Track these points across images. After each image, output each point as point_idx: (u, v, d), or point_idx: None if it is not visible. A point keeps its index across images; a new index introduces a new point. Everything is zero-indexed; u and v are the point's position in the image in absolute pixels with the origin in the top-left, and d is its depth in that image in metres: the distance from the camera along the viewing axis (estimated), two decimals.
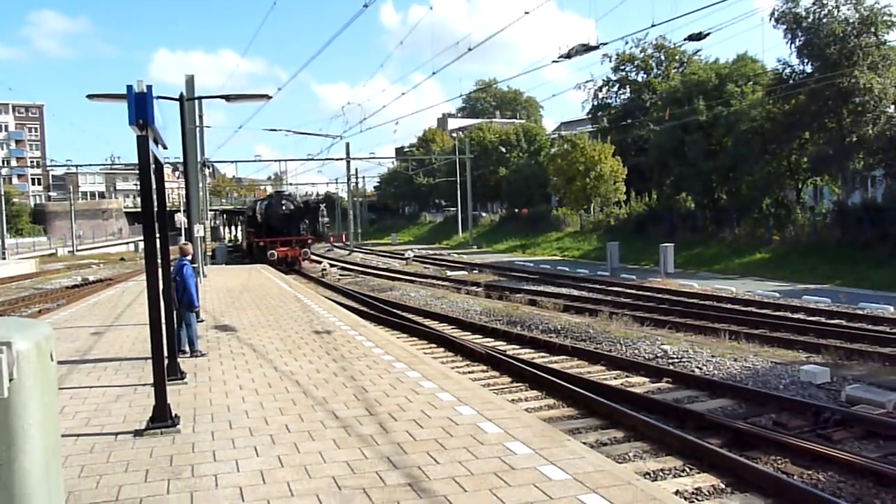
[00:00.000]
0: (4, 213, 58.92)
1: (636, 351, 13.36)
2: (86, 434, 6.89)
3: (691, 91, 39.96)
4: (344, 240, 76.16)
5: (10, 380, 1.33)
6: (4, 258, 51.85)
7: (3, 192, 58.52)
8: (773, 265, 29.76)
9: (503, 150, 69.15)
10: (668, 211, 42.07)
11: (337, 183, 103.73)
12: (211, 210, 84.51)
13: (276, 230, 40.91)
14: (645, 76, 51.27)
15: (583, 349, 13.42)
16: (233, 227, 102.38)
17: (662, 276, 26.83)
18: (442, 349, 14.44)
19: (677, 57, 50.23)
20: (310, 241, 41.99)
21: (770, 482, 6.61)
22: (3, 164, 75.78)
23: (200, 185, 31.01)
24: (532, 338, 14.92)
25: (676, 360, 12.38)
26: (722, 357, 12.26)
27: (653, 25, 26.07)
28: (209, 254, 38.16)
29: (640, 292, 22.82)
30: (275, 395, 8.21)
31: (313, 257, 45.21)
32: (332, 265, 39.84)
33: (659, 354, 12.90)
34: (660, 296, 21.72)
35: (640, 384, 11.05)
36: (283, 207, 42.17)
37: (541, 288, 25.58)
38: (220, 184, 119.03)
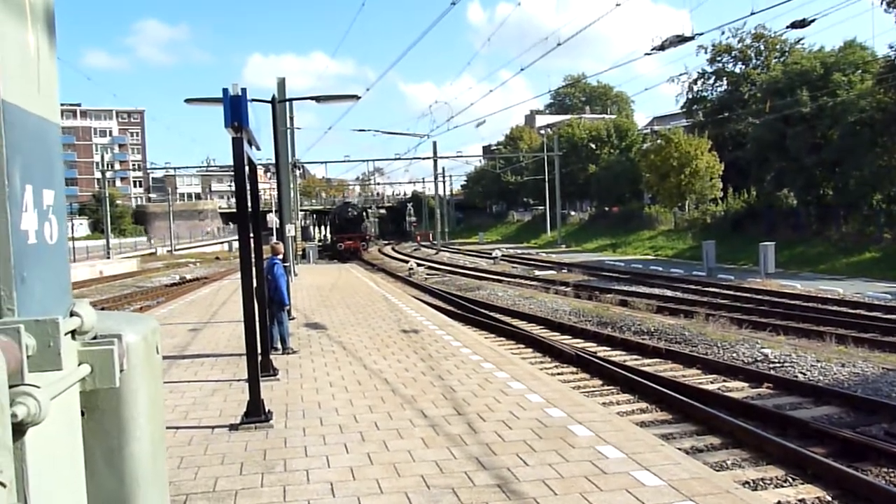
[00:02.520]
0: (109, 214, 62.16)
1: (734, 354, 13.03)
2: (185, 427, 7.17)
3: (794, 81, 38.47)
4: (431, 238, 77.58)
5: (121, 371, 1.41)
6: (109, 257, 54.55)
7: (107, 195, 61.40)
8: (883, 265, 28.49)
9: (593, 146, 68.20)
10: (768, 208, 40.69)
11: (424, 182, 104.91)
12: (301, 210, 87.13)
13: (343, 229, 59.92)
14: (743, 67, 49.69)
15: (677, 352, 13.20)
16: (322, 227, 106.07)
17: (762, 276, 26.12)
18: (530, 350, 14.40)
19: (778, 46, 48.33)
20: (367, 237, 61.82)
21: (882, 496, 6.32)
22: (108, 167, 79.72)
23: (291, 185, 31.96)
24: (623, 339, 14.74)
25: (778, 365, 12.03)
26: (828, 362, 11.82)
27: (752, 14, 25.58)
28: (300, 253, 39.45)
29: (739, 293, 22.30)
30: (364, 393, 8.34)
31: (400, 256, 53.12)
32: (418, 264, 40.47)
33: (759, 358, 12.56)
34: (759, 297, 21.16)
35: (738, 389, 10.73)
36: (349, 213, 61.68)
37: (632, 288, 25.31)
38: (309, 184, 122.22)
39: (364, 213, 66.77)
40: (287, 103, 26.77)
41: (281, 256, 11.63)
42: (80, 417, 1.41)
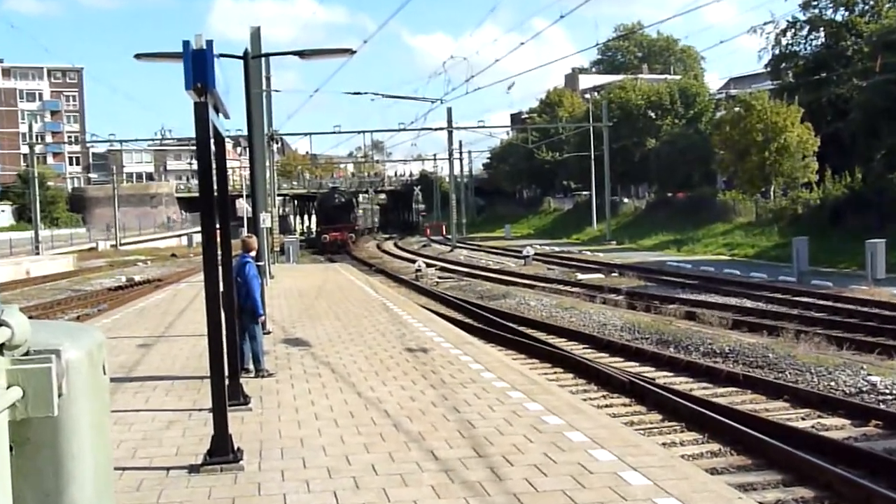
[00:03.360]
0: (38, 199, 61.82)
1: (832, 383, 13.11)
2: (133, 468, 7.18)
3: None
4: (444, 232, 78.32)
5: (59, 395, 1.41)
6: (38, 253, 54.49)
7: (36, 175, 61.04)
8: None
9: (652, 115, 68.29)
10: (878, 195, 40.07)
11: (435, 160, 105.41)
12: (279, 195, 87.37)
13: (330, 218, 66.96)
14: (846, 14, 49.46)
15: (759, 378, 13.32)
16: (305, 217, 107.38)
17: (869, 282, 26.03)
18: (571, 375, 14.52)
19: None
20: (357, 228, 70.34)
21: None
22: (37, 139, 79.96)
23: (267, 163, 32.10)
24: (690, 362, 14.80)
25: (889, 397, 12.05)
26: None
27: None
28: (277, 249, 39.75)
29: (839, 304, 22.38)
30: (358, 428, 8.40)
31: (404, 254, 55.43)
32: (428, 265, 40.81)
33: (864, 388, 12.59)
34: (865, 310, 21.19)
35: (837, 428, 10.83)
36: (336, 199, 69.06)
37: (702, 297, 25.37)
38: (290, 162, 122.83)
39: (354, 200, 75.72)
40: (263, 59, 26.86)
41: (254, 254, 11.73)
42: (8, 454, 1.38)
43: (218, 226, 8.21)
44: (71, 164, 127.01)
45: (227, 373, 7.95)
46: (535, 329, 19.86)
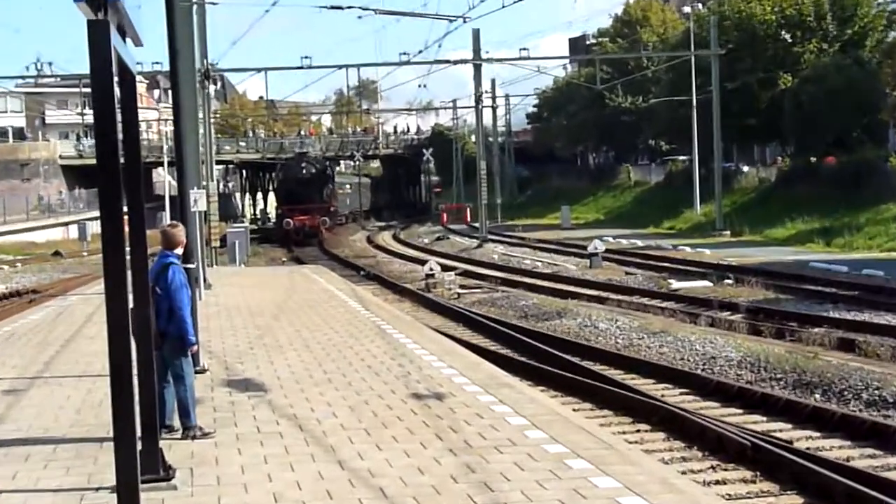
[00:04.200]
0: None
1: None
2: None
3: None
4: (467, 217, 79.67)
5: None
6: None
7: None
8: None
9: (787, 37, 66.43)
10: None
11: (455, 110, 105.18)
12: (220, 162, 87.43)
13: (294, 196, 71.97)
14: None
15: None
16: (259, 195, 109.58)
17: None
18: (661, 433, 14.57)
19: None
20: (334, 210, 75.76)
21: None
22: None
23: (201, 115, 32.10)
24: (845, 416, 14.73)
25: None
26: None
27: None
28: (216, 242, 39.88)
29: None
30: None
31: (408, 251, 58.18)
32: (445, 268, 40.70)
33: None
34: None
35: None
36: (304, 170, 73.46)
37: (864, 316, 25.30)
38: (236, 113, 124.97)
39: (331, 170, 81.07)
40: None
41: (181, 251, 11.72)
42: None
43: (127, 210, 8.19)
44: None
45: (139, 432, 7.85)
46: (607, 364, 19.98)
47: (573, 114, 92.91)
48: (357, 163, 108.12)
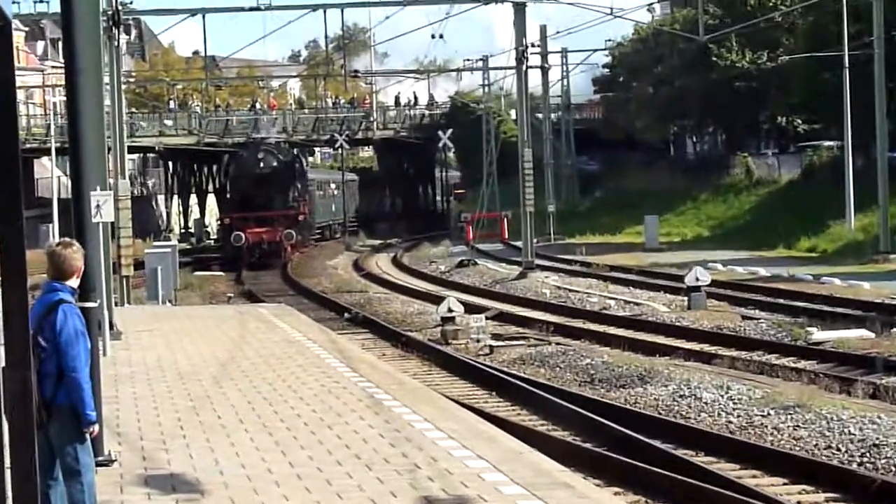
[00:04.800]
0: None
1: None
2: None
3: None
4: (504, 233, 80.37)
5: None
6: None
7: None
8: None
9: None
10: None
11: (487, 73, 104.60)
12: (136, 149, 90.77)
13: (250, 201, 72.79)
14: None
15: None
16: (193, 196, 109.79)
17: None
18: None
19: None
20: (302, 219, 75.18)
21: None
22: None
23: (108, 79, 31.99)
24: None
25: None
26: None
27: None
28: (129, 271, 40.02)
29: None
30: None
31: (416, 282, 59.51)
32: (469, 308, 41.02)
33: None
34: None
35: None
36: (262, 163, 73.42)
37: None
38: (160, 74, 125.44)
39: (300, 162, 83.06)
40: None
41: (76, 282, 11.70)
42: None
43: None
44: None
45: None
46: (714, 455, 19.92)
47: (663, 78, 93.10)
48: (340, 151, 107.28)
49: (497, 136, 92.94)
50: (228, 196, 78.84)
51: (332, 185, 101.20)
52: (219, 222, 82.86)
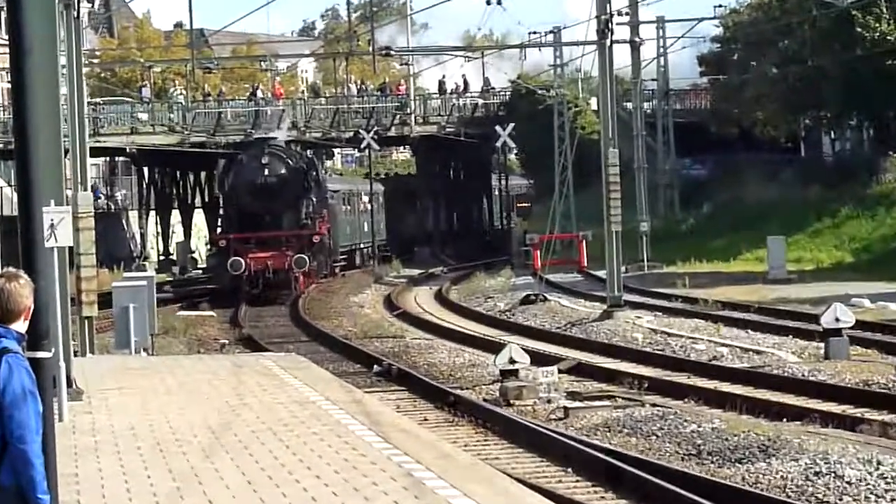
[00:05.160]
0: None
1: None
2: None
3: None
4: (583, 260, 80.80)
5: None
6: None
7: None
8: None
9: None
10: None
11: (559, 49, 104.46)
12: (101, 151, 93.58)
13: (251, 219, 73.80)
14: None
15: None
16: (175, 213, 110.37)
17: None
18: None
19: None
20: (318, 241, 75.28)
21: None
22: None
23: (65, 60, 33.17)
24: None
25: None
26: None
27: None
28: (91, 310, 40.25)
29: None
30: None
31: (472, 329, 57.72)
32: (538, 359, 41.09)
33: None
34: None
35: None
36: (266, 170, 73.92)
37: None
38: (132, 53, 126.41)
39: (313, 167, 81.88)
40: None
41: (23, 325, 11.64)
42: None
43: None
44: None
45: None
46: None
47: (792, 56, 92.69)
48: (368, 153, 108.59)
49: (573, 132, 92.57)
50: (223, 212, 78.58)
51: (361, 197, 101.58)
52: (209, 247, 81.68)
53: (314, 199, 76.07)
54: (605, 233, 66.65)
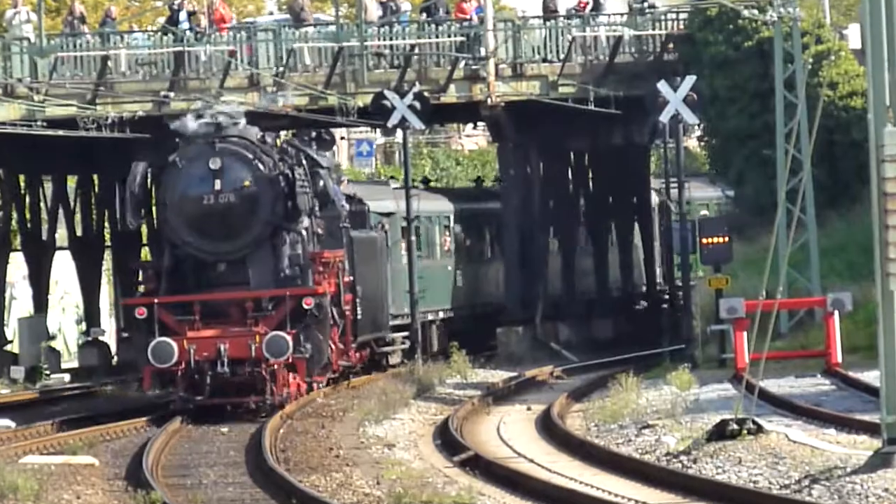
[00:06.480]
0: None
1: None
2: None
3: None
4: (835, 349, 63.24)
5: None
6: None
7: None
8: None
9: None
10: None
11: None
12: None
13: (194, 267, 54.29)
14: None
15: None
16: (24, 260, 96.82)
17: None
18: None
19: None
20: (309, 305, 54.51)
21: None
22: None
23: None
24: None
25: None
26: None
27: None
28: None
29: None
30: None
31: (623, 492, 38.90)
32: None
33: None
34: None
35: None
36: (218, 183, 53.39)
37: None
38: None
39: (314, 166, 58.20)
40: None
41: None
42: None
43: None
44: None
45: None
46: None
47: None
48: (404, 137, 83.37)
49: (814, 92, 66.56)
50: (142, 258, 57.40)
51: (438, 228, 79.95)
52: (84, 327, 62.35)
53: (309, 229, 50.78)
54: (877, 295, 38.11)
